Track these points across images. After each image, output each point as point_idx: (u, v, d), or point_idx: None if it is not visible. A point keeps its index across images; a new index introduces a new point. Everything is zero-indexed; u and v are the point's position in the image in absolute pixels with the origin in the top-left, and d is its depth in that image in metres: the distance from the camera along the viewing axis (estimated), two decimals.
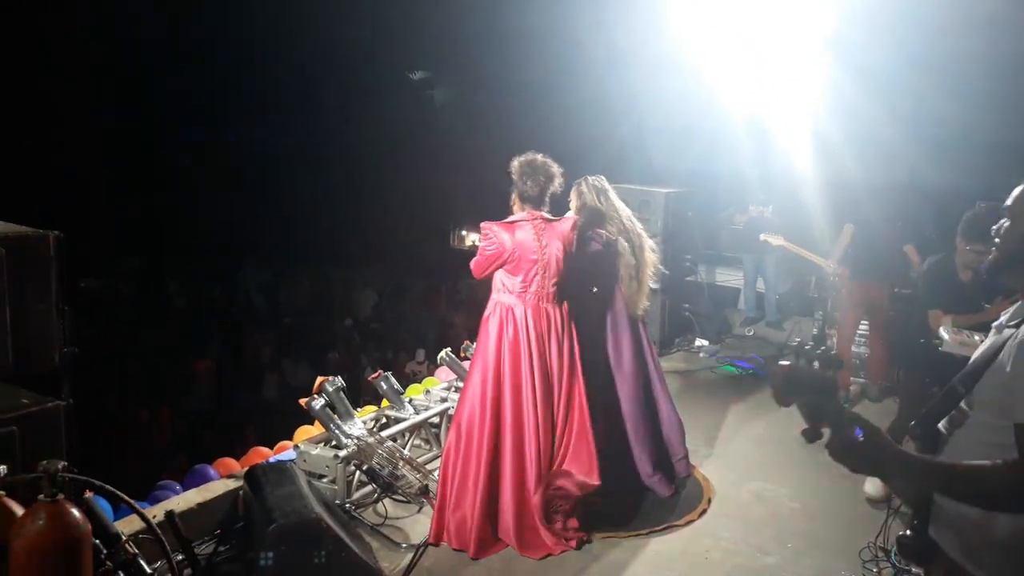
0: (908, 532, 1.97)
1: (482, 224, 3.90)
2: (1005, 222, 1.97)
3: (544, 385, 3.89)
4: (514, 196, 3.97)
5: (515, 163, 3.93)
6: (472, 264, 3.95)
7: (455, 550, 3.81)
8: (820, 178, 7.27)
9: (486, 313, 3.97)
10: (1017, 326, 1.84)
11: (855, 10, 6.82)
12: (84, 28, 14.16)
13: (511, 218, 3.95)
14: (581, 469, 3.97)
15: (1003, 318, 1.95)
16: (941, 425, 2.01)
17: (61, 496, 1.96)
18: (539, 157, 3.93)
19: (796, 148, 7.54)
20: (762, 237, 6.89)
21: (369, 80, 17.06)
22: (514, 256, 3.84)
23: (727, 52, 7.53)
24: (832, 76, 7.40)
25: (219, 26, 15.02)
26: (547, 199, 3.96)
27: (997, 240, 1.98)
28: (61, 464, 1.97)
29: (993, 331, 1.98)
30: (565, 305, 4.02)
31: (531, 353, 3.87)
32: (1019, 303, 1.93)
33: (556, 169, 3.95)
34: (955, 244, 4.24)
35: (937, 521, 1.93)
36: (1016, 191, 1.96)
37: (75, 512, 1.98)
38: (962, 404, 1.95)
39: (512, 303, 3.90)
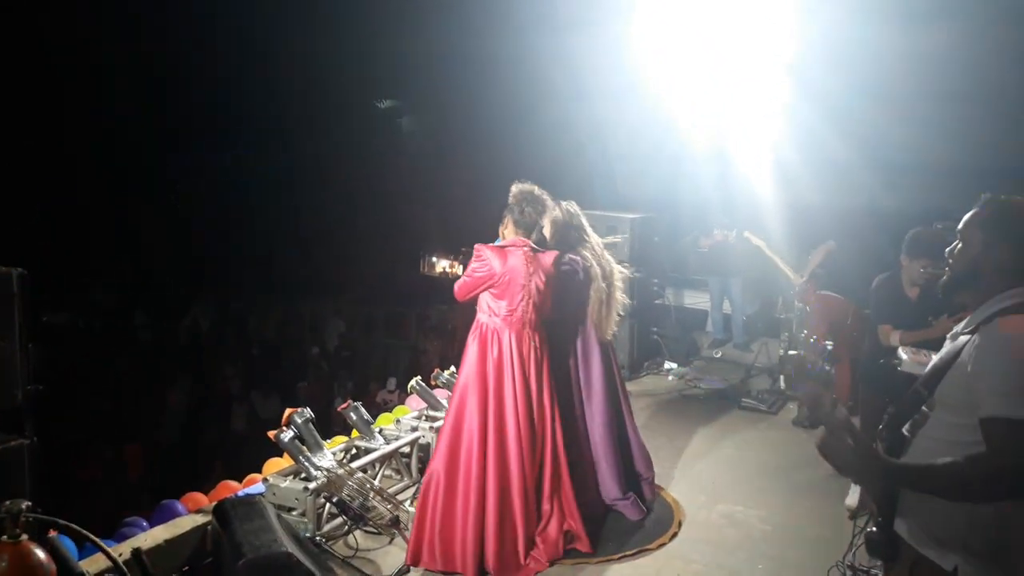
0: (874, 529, 2.07)
1: (476, 246, 3.94)
2: (957, 244, 2.10)
3: (527, 407, 3.93)
4: (507, 220, 4.04)
5: (514, 188, 4.02)
6: (457, 285, 3.98)
7: (436, 573, 3.80)
8: (781, 202, 7.44)
9: (471, 334, 4.00)
10: (973, 332, 1.98)
11: (813, 41, 7.07)
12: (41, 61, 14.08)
13: (503, 242, 4.01)
14: (562, 492, 4.01)
15: (958, 327, 2.09)
16: (904, 429, 2.12)
17: (24, 536, 1.94)
18: (536, 188, 4.04)
19: (757, 173, 7.72)
20: (745, 234, 7.05)
21: (336, 108, 17.11)
22: (503, 280, 3.89)
23: (689, 80, 7.72)
24: (791, 103, 7.61)
25: (186, 59, 15.01)
26: (536, 229, 4.03)
27: (950, 261, 2.11)
28: (24, 504, 1.95)
29: (949, 340, 2.11)
30: (543, 332, 4.07)
31: (515, 376, 3.91)
32: (972, 315, 2.06)
33: (550, 203, 4.07)
34: (900, 261, 4.38)
35: (902, 516, 2.04)
36: (966, 216, 2.09)
37: (39, 553, 1.95)
38: (923, 408, 2.07)
39: (498, 327, 3.93)
